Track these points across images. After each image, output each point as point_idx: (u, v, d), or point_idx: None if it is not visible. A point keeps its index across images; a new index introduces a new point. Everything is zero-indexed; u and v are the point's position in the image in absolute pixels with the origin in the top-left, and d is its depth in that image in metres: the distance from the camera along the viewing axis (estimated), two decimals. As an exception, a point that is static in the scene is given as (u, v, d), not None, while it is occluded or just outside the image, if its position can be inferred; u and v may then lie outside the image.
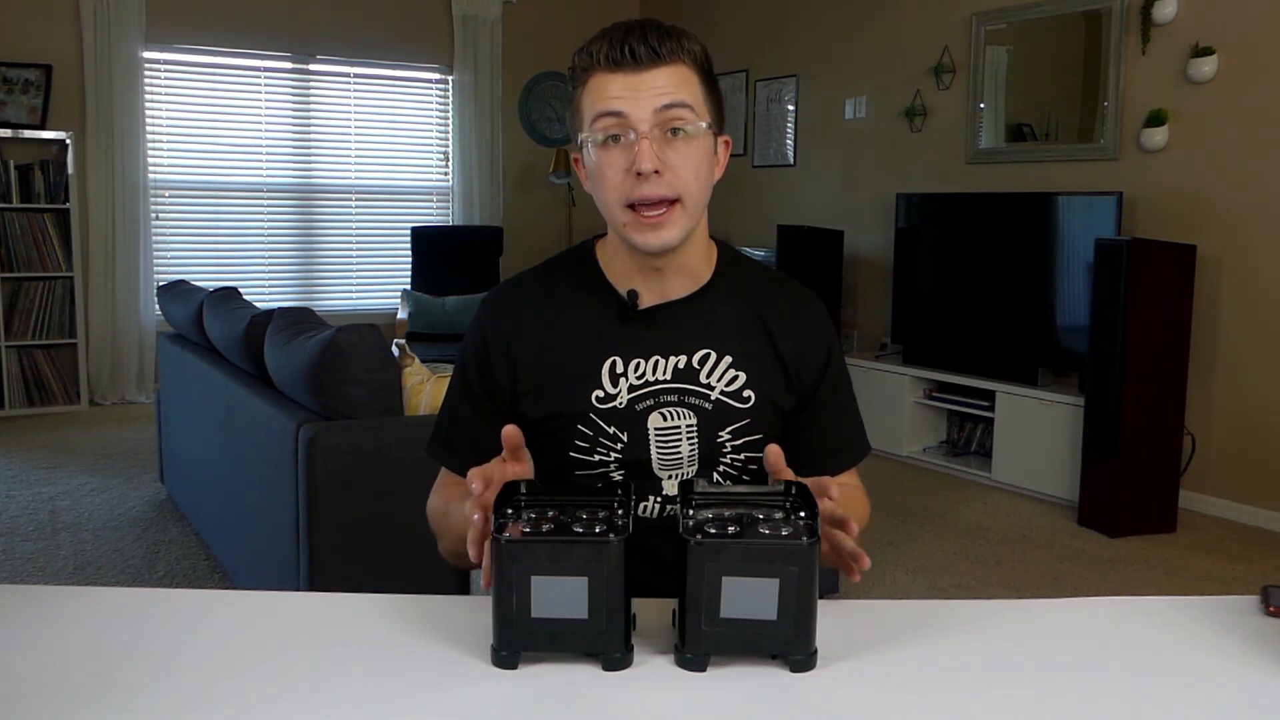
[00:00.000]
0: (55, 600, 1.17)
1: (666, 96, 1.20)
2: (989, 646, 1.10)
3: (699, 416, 1.29)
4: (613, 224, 1.26)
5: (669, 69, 1.21)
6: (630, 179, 1.20)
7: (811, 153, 6.05)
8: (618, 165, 1.21)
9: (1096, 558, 3.65)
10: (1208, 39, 4.09)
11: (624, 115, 1.20)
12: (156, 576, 3.25)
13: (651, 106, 1.20)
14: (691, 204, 1.23)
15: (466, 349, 1.35)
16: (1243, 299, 4.04)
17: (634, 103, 1.19)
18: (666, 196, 1.21)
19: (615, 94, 1.20)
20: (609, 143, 1.21)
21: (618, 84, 1.20)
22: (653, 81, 1.20)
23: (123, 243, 5.87)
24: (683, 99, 1.21)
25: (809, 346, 1.34)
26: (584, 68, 1.23)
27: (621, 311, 1.30)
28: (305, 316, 2.83)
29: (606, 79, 1.21)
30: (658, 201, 1.21)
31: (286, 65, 6.34)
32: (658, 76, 1.20)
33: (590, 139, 1.23)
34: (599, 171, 1.23)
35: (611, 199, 1.23)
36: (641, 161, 1.19)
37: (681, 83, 1.22)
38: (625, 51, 1.20)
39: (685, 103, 1.21)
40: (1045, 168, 4.73)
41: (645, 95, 1.20)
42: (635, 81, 1.20)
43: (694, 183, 1.23)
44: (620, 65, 1.20)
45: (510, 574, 0.99)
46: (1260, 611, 1.20)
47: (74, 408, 5.73)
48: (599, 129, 1.21)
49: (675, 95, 1.20)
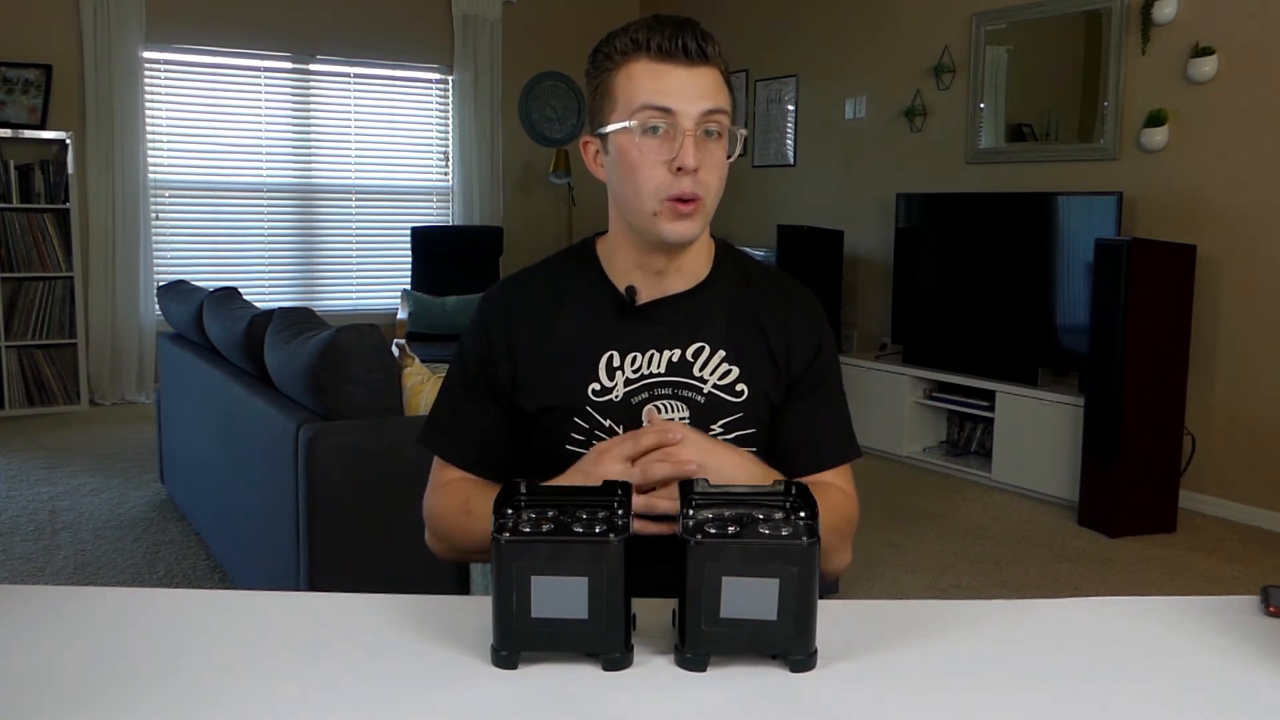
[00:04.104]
0: (55, 600, 1.17)
1: (711, 100, 1.23)
2: (989, 646, 1.10)
3: (692, 410, 1.29)
4: (637, 212, 1.26)
5: (711, 70, 1.24)
6: (668, 173, 1.22)
7: (811, 153, 6.05)
8: (657, 157, 1.23)
9: (1096, 558, 3.65)
10: (1208, 39, 4.09)
11: (673, 111, 1.22)
12: (156, 576, 3.25)
13: (700, 107, 1.22)
14: (710, 204, 1.27)
15: (467, 342, 1.36)
16: (1243, 299, 4.04)
17: (685, 100, 1.21)
18: (698, 194, 1.24)
19: (669, 89, 1.22)
20: (649, 133, 1.23)
21: (670, 78, 1.22)
22: (700, 81, 1.23)
23: (123, 243, 5.87)
24: (722, 104, 1.24)
25: (798, 341, 1.34)
26: (623, 51, 1.24)
27: (620, 307, 1.31)
28: (305, 316, 2.83)
29: (656, 69, 1.22)
30: (691, 197, 1.23)
31: (286, 65, 6.34)
32: (704, 76, 1.23)
33: (632, 126, 1.23)
34: (634, 159, 1.24)
35: (646, 189, 1.24)
36: (686, 159, 1.21)
37: (719, 86, 1.25)
38: (678, 44, 1.21)
39: (724, 109, 1.24)
40: (1045, 168, 4.73)
41: (694, 95, 1.22)
42: (686, 77, 1.22)
43: (718, 183, 1.27)
44: (672, 57, 1.22)
45: (510, 574, 0.99)
46: (1260, 611, 1.20)
47: (74, 408, 5.73)
48: (643, 118, 1.22)
49: (717, 99, 1.23)
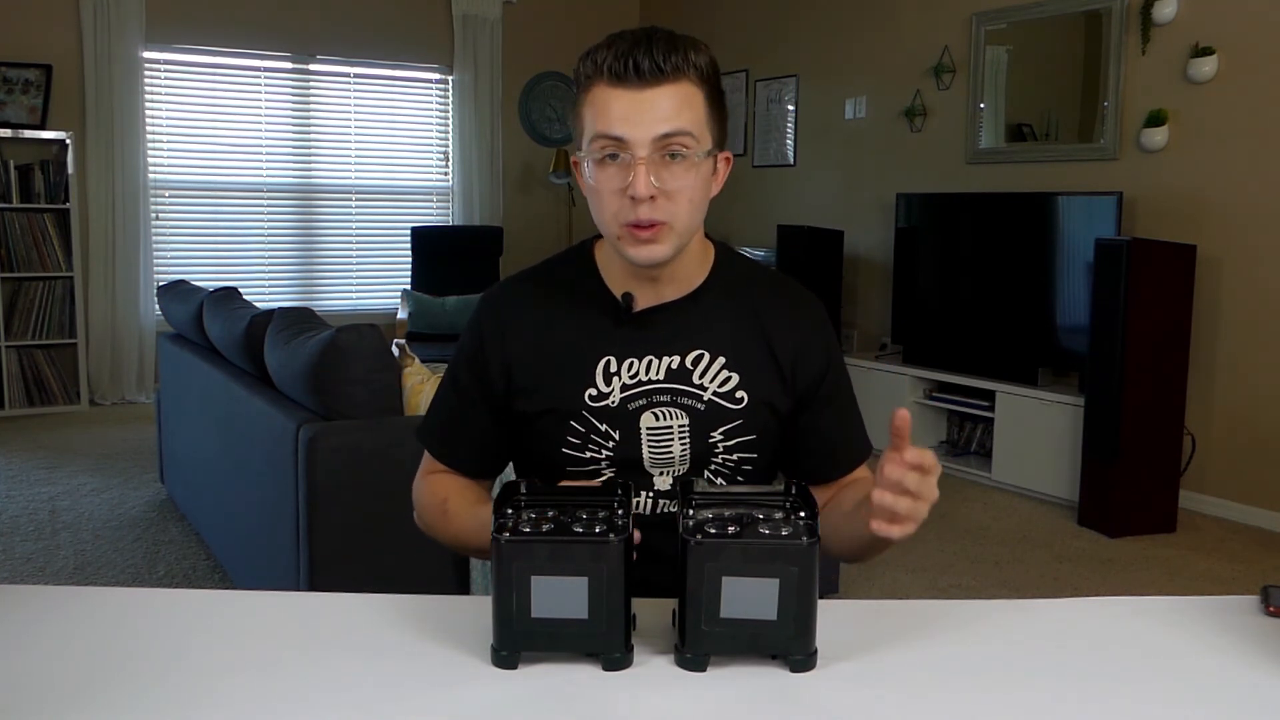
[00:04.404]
0: (55, 600, 1.17)
1: (667, 124, 1.18)
2: (989, 646, 1.10)
3: (691, 417, 1.29)
4: (606, 235, 1.26)
5: (672, 88, 1.18)
6: (625, 200, 1.19)
7: (811, 153, 6.05)
8: (613, 184, 1.20)
9: (1096, 558, 3.65)
10: (1208, 39, 4.09)
11: (623, 140, 1.18)
12: (156, 576, 3.25)
13: (651, 133, 1.17)
14: (681, 226, 1.22)
15: (463, 345, 1.36)
16: (1242, 299, 4.04)
17: (634, 127, 1.17)
18: (658, 220, 1.20)
19: (616, 115, 1.18)
20: (606, 161, 1.20)
21: (619, 104, 1.18)
22: (654, 102, 1.17)
23: (123, 243, 5.87)
24: (683, 126, 1.18)
25: (807, 350, 1.34)
26: (587, 75, 1.21)
27: (617, 312, 1.31)
28: (305, 316, 2.83)
29: (608, 94, 1.19)
30: (650, 223, 1.20)
31: (286, 65, 6.34)
32: (660, 96, 1.18)
33: (587, 156, 1.22)
34: (595, 188, 1.22)
35: (605, 215, 1.23)
36: (636, 188, 1.18)
37: (684, 104, 1.19)
38: (629, 66, 1.17)
39: (686, 130, 1.18)
40: (1045, 168, 4.73)
41: (646, 119, 1.17)
42: (637, 101, 1.17)
43: (686, 206, 1.21)
44: (623, 80, 1.17)
45: (510, 574, 0.99)
46: (1260, 611, 1.20)
47: (74, 408, 5.72)
48: (596, 149, 1.20)
49: (676, 122, 1.18)
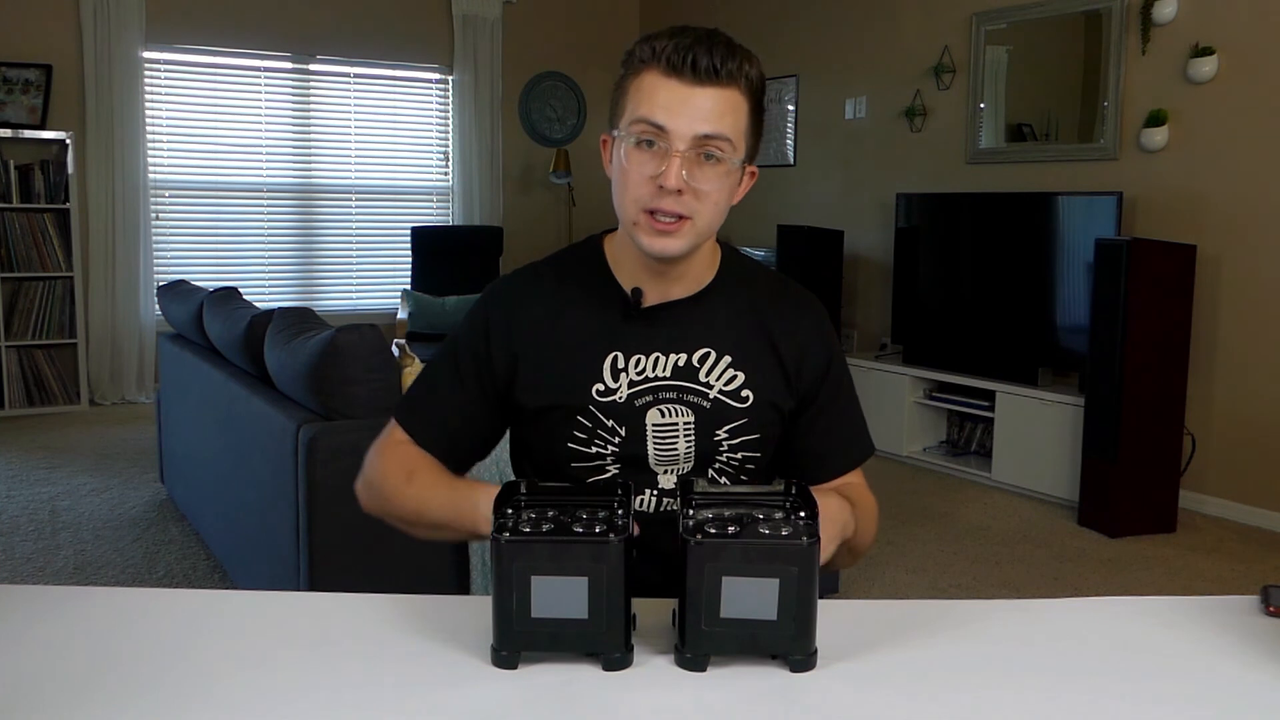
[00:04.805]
0: (55, 600, 1.17)
1: (710, 125, 1.19)
2: (989, 646, 1.10)
3: (697, 414, 1.29)
4: (622, 218, 1.26)
5: (722, 92, 1.19)
6: (652, 187, 1.20)
7: (811, 153, 6.05)
8: (645, 170, 1.21)
9: (1096, 558, 3.65)
10: (1208, 39, 4.09)
11: (664, 129, 1.19)
12: (156, 576, 3.25)
13: (693, 130, 1.18)
14: (702, 226, 1.23)
15: (464, 331, 1.34)
16: (1242, 299, 4.04)
17: (678, 119, 1.18)
18: (682, 214, 1.21)
19: (662, 104, 1.18)
20: (642, 145, 1.21)
21: (669, 94, 1.18)
22: (702, 101, 1.18)
23: (123, 243, 5.87)
24: (724, 131, 1.19)
25: (810, 350, 1.34)
26: (641, 59, 1.22)
27: (625, 308, 1.31)
28: (305, 316, 2.83)
29: (660, 82, 1.19)
30: (672, 215, 1.21)
31: (286, 65, 6.34)
32: (709, 97, 1.19)
33: (625, 137, 1.22)
34: (624, 169, 1.22)
35: (628, 198, 1.23)
36: (668, 179, 1.18)
37: (729, 110, 1.20)
38: (687, 60, 1.18)
39: (726, 136, 1.20)
40: (1045, 168, 4.73)
41: (690, 115, 1.18)
42: (686, 96, 1.18)
43: (711, 208, 1.22)
44: (678, 72, 1.18)
45: (510, 574, 0.99)
46: (1260, 611, 1.20)
47: (74, 408, 5.72)
48: (636, 131, 1.21)
49: (718, 125, 1.19)
